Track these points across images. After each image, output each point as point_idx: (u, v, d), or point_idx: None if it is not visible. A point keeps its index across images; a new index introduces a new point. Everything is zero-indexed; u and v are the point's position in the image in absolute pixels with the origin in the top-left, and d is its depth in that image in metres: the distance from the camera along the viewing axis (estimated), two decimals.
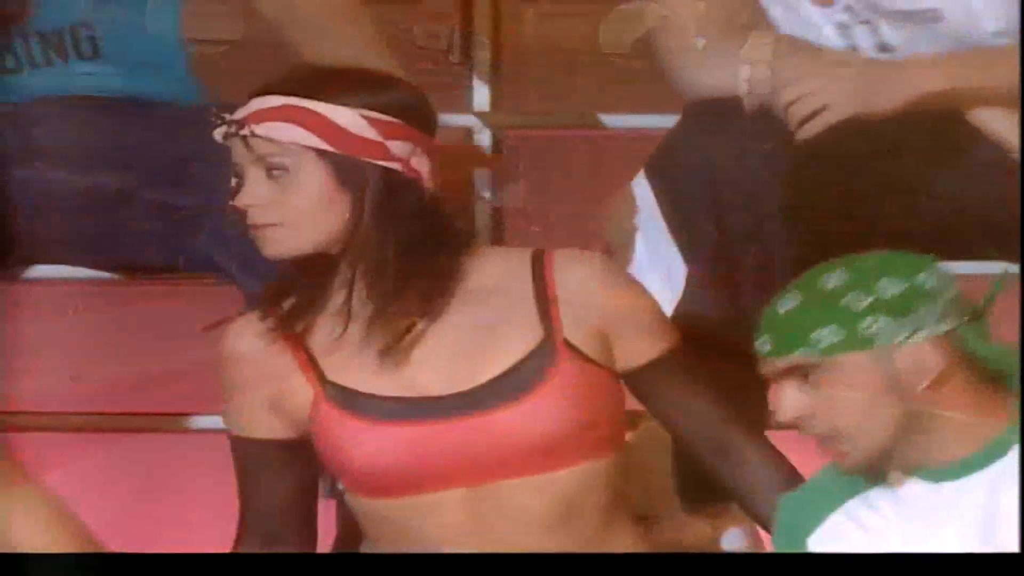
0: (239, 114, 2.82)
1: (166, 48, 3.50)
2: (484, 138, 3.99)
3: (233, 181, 2.86)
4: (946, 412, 2.78)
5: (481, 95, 4.05)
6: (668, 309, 3.10)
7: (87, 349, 4.18)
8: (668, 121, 3.33)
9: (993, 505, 2.80)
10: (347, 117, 2.79)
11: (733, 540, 3.25)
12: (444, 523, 2.85)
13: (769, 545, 3.15)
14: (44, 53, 3.45)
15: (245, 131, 2.79)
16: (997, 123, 3.24)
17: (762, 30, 3.33)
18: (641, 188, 3.16)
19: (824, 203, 3.22)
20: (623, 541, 2.92)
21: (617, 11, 3.46)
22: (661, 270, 3.14)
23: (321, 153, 2.78)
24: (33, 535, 3.06)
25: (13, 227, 3.37)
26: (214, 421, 3.34)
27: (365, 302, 2.82)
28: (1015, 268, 3.13)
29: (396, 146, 2.81)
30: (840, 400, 2.76)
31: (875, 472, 2.82)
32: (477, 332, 2.86)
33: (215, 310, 3.18)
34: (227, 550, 3.12)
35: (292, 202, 2.81)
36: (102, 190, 3.34)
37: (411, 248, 2.85)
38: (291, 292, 2.89)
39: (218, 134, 2.81)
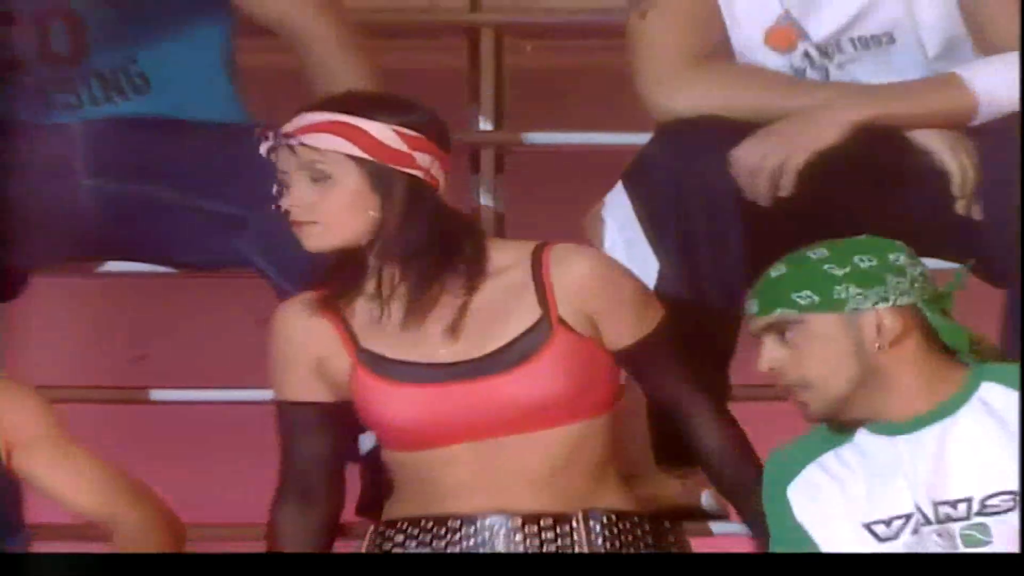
0: (289, 127, 3.09)
1: (210, 77, 3.69)
2: (488, 154, 4.17)
3: (277, 187, 3.12)
4: (901, 373, 3.03)
5: (486, 117, 4.28)
6: None
7: (146, 333, 4.37)
8: (644, 139, 3.53)
9: (942, 457, 3.03)
10: (382, 131, 3.09)
11: (709, 500, 3.45)
12: (454, 476, 3.12)
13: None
14: (103, 91, 3.64)
15: (294, 141, 3.07)
16: (928, 140, 3.40)
17: (724, 61, 3.57)
18: (619, 195, 3.41)
19: (774, 208, 3.34)
20: (609, 498, 3.16)
21: None
22: (638, 265, 3.33)
23: (359, 161, 3.09)
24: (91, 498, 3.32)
25: (82, 230, 3.54)
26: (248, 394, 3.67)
27: (397, 285, 3.11)
28: (956, 265, 3.34)
29: (420, 157, 3.10)
30: (811, 354, 3.00)
31: (836, 422, 3.06)
32: (485, 311, 3.14)
33: (252, 301, 3.54)
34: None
35: (331, 203, 3.11)
36: (157, 199, 3.55)
37: (443, 239, 3.15)
38: (333, 278, 3.18)
39: (265, 145, 3.09)
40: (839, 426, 3.06)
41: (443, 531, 3.16)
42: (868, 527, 3.09)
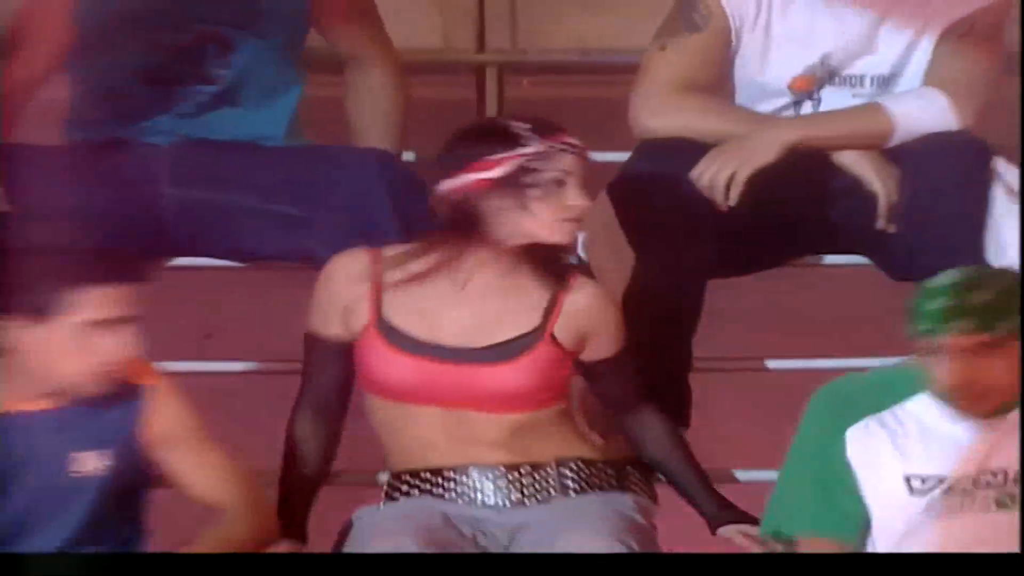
0: (574, 140, 3.29)
1: (285, 107, 3.90)
2: None
3: (547, 183, 3.30)
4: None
5: None
6: (621, 288, 3.60)
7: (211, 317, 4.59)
8: (625, 156, 3.80)
9: (995, 441, 3.22)
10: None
11: None
12: (421, 431, 3.30)
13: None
14: (213, 101, 3.83)
15: (584, 152, 3.28)
16: (857, 165, 3.68)
17: (721, 92, 3.74)
18: (604, 203, 3.66)
19: (732, 216, 3.61)
20: (576, 451, 3.38)
21: None
22: (618, 262, 3.62)
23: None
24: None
25: (167, 229, 3.75)
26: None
27: (478, 273, 3.32)
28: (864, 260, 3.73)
29: None
30: (1008, 367, 3.16)
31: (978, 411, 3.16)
32: (495, 312, 3.32)
33: (299, 288, 3.64)
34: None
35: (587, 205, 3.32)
36: (238, 206, 3.77)
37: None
38: (412, 256, 3.34)
39: (553, 146, 3.26)
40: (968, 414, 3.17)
41: (440, 480, 3.34)
42: (907, 479, 3.25)
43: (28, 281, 3.13)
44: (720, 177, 3.58)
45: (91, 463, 3.26)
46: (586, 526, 3.20)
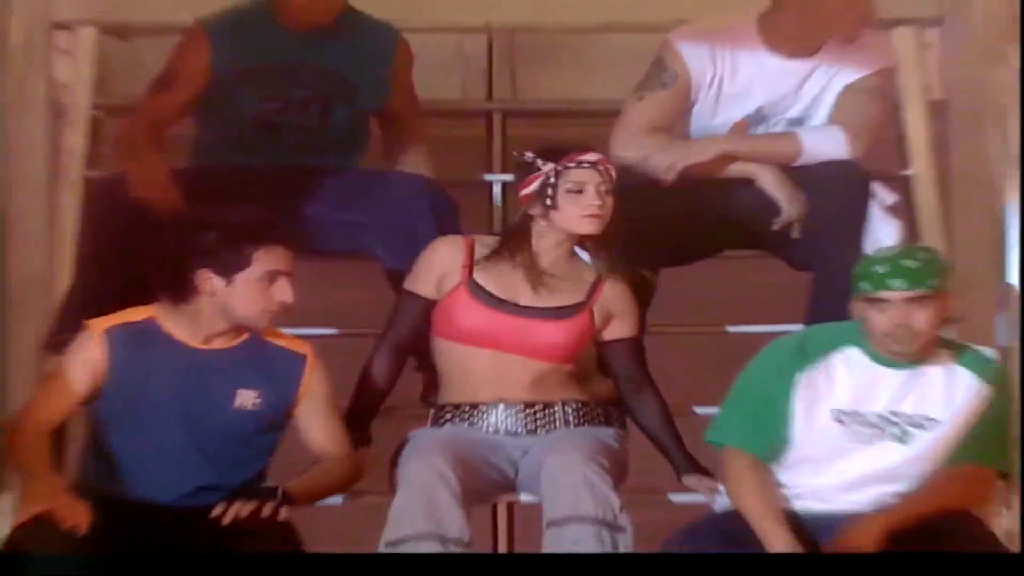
0: (594, 157, 3.81)
1: (359, 144, 4.53)
2: (498, 187, 4.75)
3: (569, 192, 3.84)
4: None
5: (496, 165, 4.89)
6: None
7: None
8: None
9: (909, 386, 3.57)
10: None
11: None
12: (473, 370, 3.82)
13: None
14: (309, 140, 4.36)
15: (601, 165, 3.83)
16: (765, 181, 4.19)
17: (679, 132, 4.23)
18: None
19: (674, 221, 4.17)
20: (576, 394, 3.92)
21: None
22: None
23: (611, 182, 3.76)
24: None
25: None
26: None
27: (547, 255, 3.94)
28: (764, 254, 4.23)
29: None
30: (933, 316, 3.50)
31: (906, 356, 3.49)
32: (558, 286, 3.93)
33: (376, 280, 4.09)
34: None
35: (610, 206, 3.82)
36: (318, 214, 4.30)
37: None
38: (496, 242, 3.94)
39: (570, 163, 3.82)
40: (898, 360, 3.52)
41: (473, 412, 3.88)
42: (835, 413, 3.61)
43: (220, 243, 3.56)
44: (664, 163, 4.19)
45: (250, 400, 3.62)
46: (570, 447, 3.69)
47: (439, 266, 3.92)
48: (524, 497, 3.82)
